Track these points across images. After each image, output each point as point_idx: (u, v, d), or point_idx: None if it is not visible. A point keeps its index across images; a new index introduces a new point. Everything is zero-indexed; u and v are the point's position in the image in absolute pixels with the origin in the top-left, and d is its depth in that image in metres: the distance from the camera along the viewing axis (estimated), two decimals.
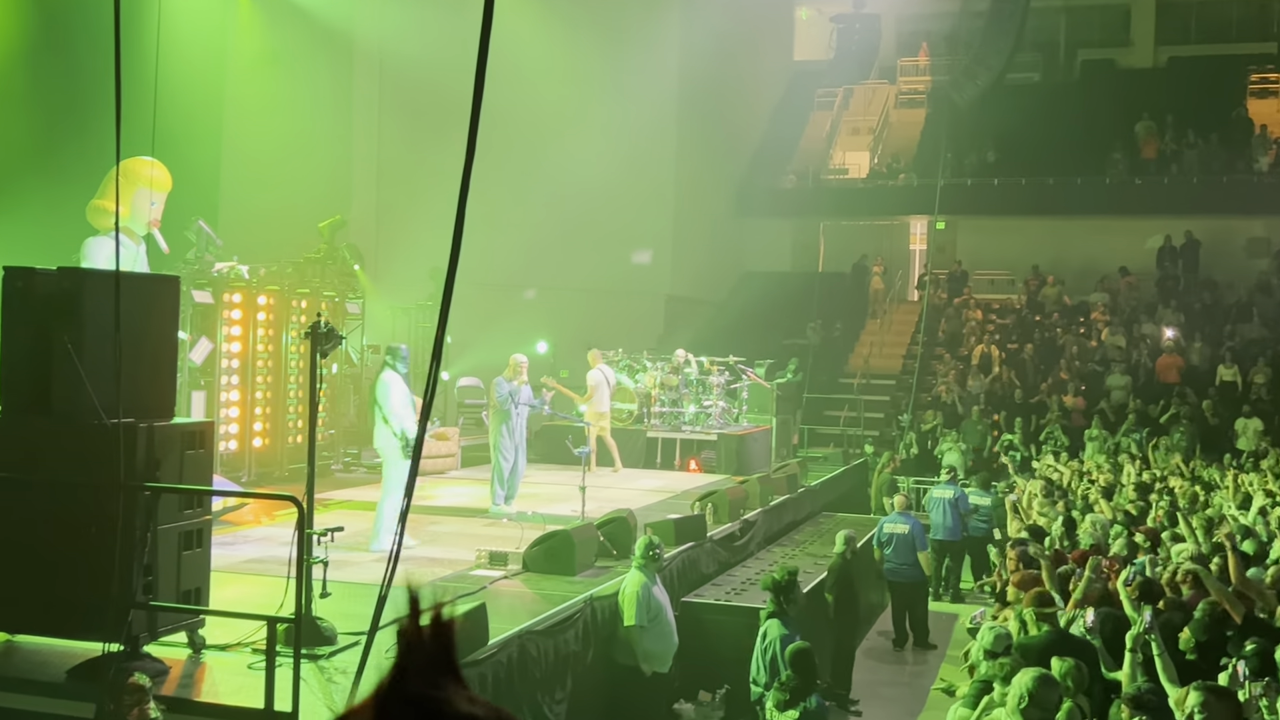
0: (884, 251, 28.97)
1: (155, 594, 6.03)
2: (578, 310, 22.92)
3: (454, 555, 9.78)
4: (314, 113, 19.55)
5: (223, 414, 12.60)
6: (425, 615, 0.95)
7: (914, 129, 30.76)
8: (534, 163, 23.05)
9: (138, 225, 10.83)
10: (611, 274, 23.84)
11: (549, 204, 22.83)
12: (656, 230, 24.71)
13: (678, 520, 10.92)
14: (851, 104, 32.26)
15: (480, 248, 19.14)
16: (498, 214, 21.54)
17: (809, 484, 16.24)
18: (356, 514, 11.62)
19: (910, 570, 12.49)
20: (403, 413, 9.66)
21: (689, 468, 16.67)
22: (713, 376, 17.33)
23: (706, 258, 26.67)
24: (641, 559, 8.45)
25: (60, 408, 6.01)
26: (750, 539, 12.59)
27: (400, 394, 9.71)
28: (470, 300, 21.32)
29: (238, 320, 12.92)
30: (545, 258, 23.25)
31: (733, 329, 24.89)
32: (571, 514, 11.19)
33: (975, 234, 28.61)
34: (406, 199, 22.94)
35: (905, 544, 12.50)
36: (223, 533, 9.91)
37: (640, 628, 8.33)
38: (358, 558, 9.34)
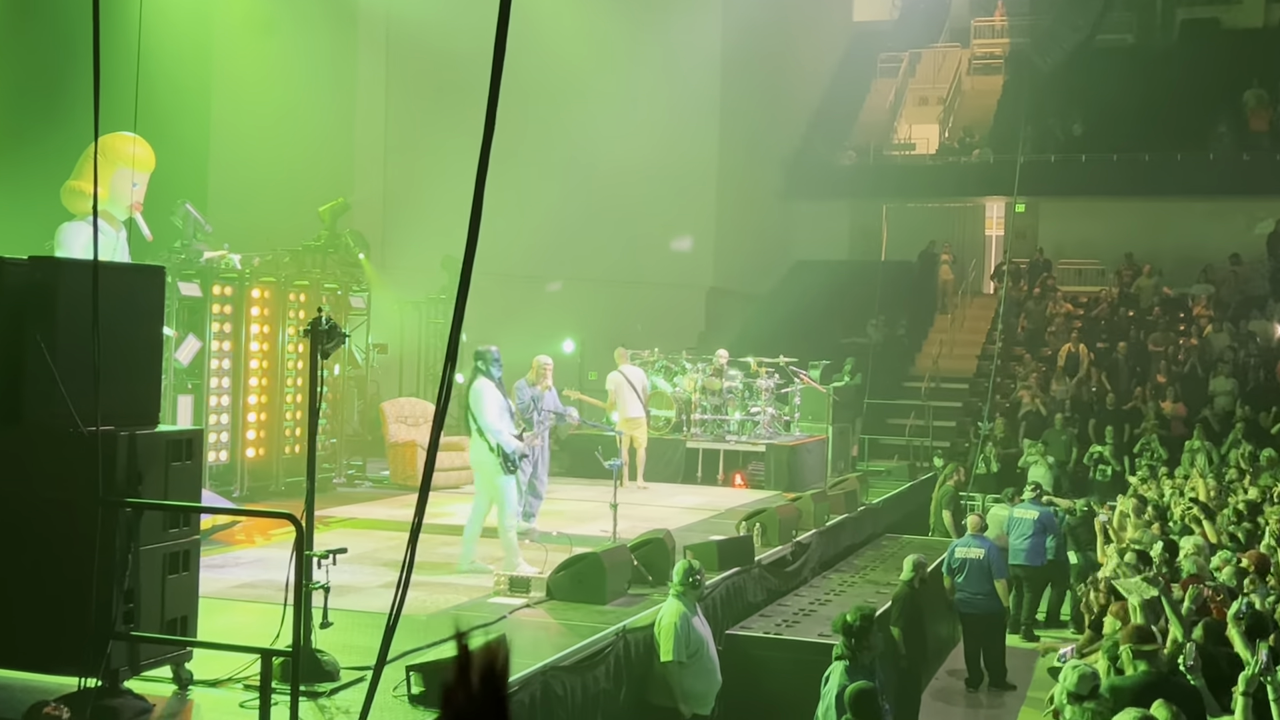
0: (955, 238, 28.75)
1: (137, 623, 6.07)
2: (608, 305, 22.94)
3: (469, 580, 9.80)
4: (313, 84, 19.67)
5: (212, 421, 12.69)
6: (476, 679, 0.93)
7: (990, 98, 30.54)
8: (559, 138, 23.08)
9: (118, 209, 10.94)
10: (646, 264, 23.85)
11: (576, 185, 22.87)
12: (697, 214, 24.69)
13: (721, 542, 10.89)
14: (919, 70, 32.06)
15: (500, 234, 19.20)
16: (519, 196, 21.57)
17: (870, 502, 16.15)
18: (361, 534, 11.67)
19: (985, 600, 12.38)
20: (499, 424, 9.83)
21: (734, 483, 16.62)
22: (760, 379, 17.28)
23: (753, 245, 26.60)
24: (680, 586, 8.44)
25: (31, 414, 6.06)
26: (803, 564, 12.53)
27: (495, 403, 9.86)
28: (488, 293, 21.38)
29: (229, 316, 13.01)
30: (572, 246, 23.29)
31: (783, 326, 24.78)
32: (602, 534, 11.19)
33: (1060, 218, 28.35)
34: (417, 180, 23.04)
35: (980, 570, 12.40)
36: (212, 554, 9.96)
37: (679, 664, 8.32)
38: (363, 582, 9.37)
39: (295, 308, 13.88)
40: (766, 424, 17.16)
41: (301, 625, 6.14)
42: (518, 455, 9.96)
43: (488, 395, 9.88)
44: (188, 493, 6.50)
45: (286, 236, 15.92)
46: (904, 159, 29.33)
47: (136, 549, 6.06)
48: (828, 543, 13.65)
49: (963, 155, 28.14)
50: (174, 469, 6.36)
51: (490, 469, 9.89)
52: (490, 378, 10.02)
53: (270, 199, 17.72)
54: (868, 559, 14.22)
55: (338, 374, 14.98)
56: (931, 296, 27.22)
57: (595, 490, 13.44)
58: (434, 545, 11.12)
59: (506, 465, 9.87)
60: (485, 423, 9.81)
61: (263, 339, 13.47)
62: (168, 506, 6.30)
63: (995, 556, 12.49)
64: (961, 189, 28.08)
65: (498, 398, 9.94)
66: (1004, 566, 12.63)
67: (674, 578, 8.59)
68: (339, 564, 6.70)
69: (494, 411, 9.85)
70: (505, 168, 19.50)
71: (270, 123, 18.17)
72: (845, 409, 19.51)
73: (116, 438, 6.05)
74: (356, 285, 15.64)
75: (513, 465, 9.92)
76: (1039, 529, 14.16)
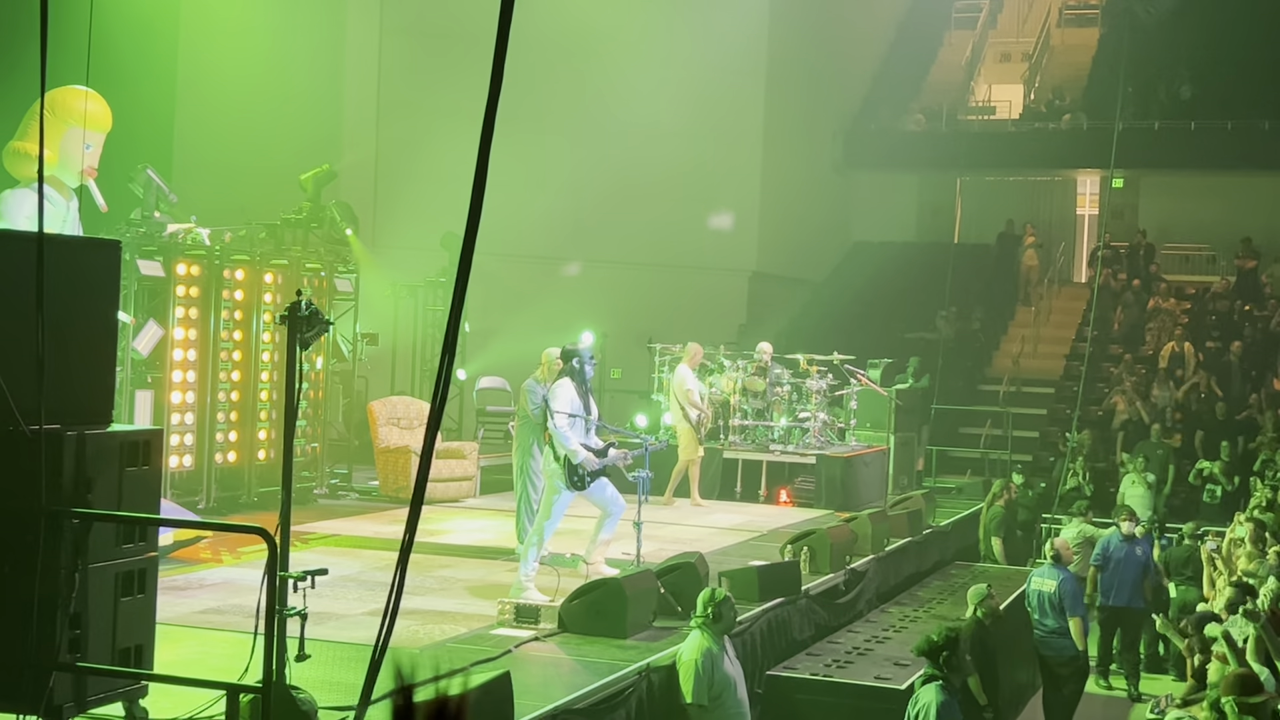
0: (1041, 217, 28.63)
1: (84, 653, 6.10)
2: (633, 292, 22.94)
3: (470, 608, 9.82)
4: (295, 31, 19.76)
5: (174, 421, 12.76)
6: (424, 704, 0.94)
7: (1083, 55, 30.38)
8: (578, 97, 23.10)
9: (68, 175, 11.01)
10: (679, 245, 23.84)
11: (599, 152, 22.89)
12: (739, 188, 24.66)
13: (763, 568, 10.88)
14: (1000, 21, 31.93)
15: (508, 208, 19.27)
16: (532, 164, 21.62)
17: (938, 524, 16.10)
18: (345, 553, 11.71)
19: (1059, 640, 12.27)
20: (570, 431, 9.99)
21: (778, 499, 16.60)
22: (811, 380, 17.25)
23: (804, 224, 26.56)
24: (702, 617, 8.42)
25: None
26: (859, 595, 12.51)
27: (569, 407, 10.02)
28: (494, 276, 21.56)
29: (195, 299, 13.08)
30: (592, 222, 23.32)
31: (838, 318, 24.75)
32: (624, 557, 11.19)
33: (1165, 195, 28.17)
34: (414, 144, 23.12)
35: (1051, 606, 12.25)
36: (173, 574, 10.02)
37: (700, 707, 8.30)
38: (345, 609, 9.41)
39: (272, 290, 13.93)
40: (817, 432, 17.14)
41: (274, 658, 6.16)
42: (585, 470, 10.06)
43: (563, 397, 10.03)
44: (145, 503, 6.53)
45: (263, 208, 15.98)
46: (982, 124, 29.20)
47: (84, 567, 6.09)
48: (887, 571, 13.61)
49: (1051, 121, 28.01)
50: (129, 475, 6.39)
51: (555, 479, 10.10)
52: (576, 378, 10.19)
53: (245, 164, 17.80)
54: (934, 590, 14.18)
55: (320, 368, 15.04)
56: (1012, 285, 27.10)
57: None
58: (428, 567, 11.14)
59: (572, 479, 9.99)
60: (556, 428, 9.97)
61: (234, 326, 13.54)
62: (121, 518, 6.33)
63: (1069, 590, 12.30)
64: (1049, 160, 27.95)
65: (570, 396, 10.06)
66: (1079, 601, 12.44)
67: (696, 607, 8.58)
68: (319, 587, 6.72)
69: (566, 418, 9.99)
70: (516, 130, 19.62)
71: (246, 76, 18.26)
72: (910, 415, 19.45)
73: (63, 438, 6.08)
74: (343, 265, 15.69)
75: (580, 480, 10.05)
76: (1137, 560, 14.00)
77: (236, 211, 15.53)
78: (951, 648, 8.25)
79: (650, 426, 17.40)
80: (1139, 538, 14.22)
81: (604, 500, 10.52)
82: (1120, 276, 26.13)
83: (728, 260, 24.56)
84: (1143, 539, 14.23)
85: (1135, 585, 14.05)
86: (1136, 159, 25.61)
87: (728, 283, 24.69)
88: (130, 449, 6.45)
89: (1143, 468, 18.69)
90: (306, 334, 6.88)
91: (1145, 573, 14.07)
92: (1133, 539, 14.16)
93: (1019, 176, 28.89)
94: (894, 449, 18.35)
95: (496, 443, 18.61)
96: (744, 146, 24.55)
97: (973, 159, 27.88)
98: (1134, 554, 14.04)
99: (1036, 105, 29.42)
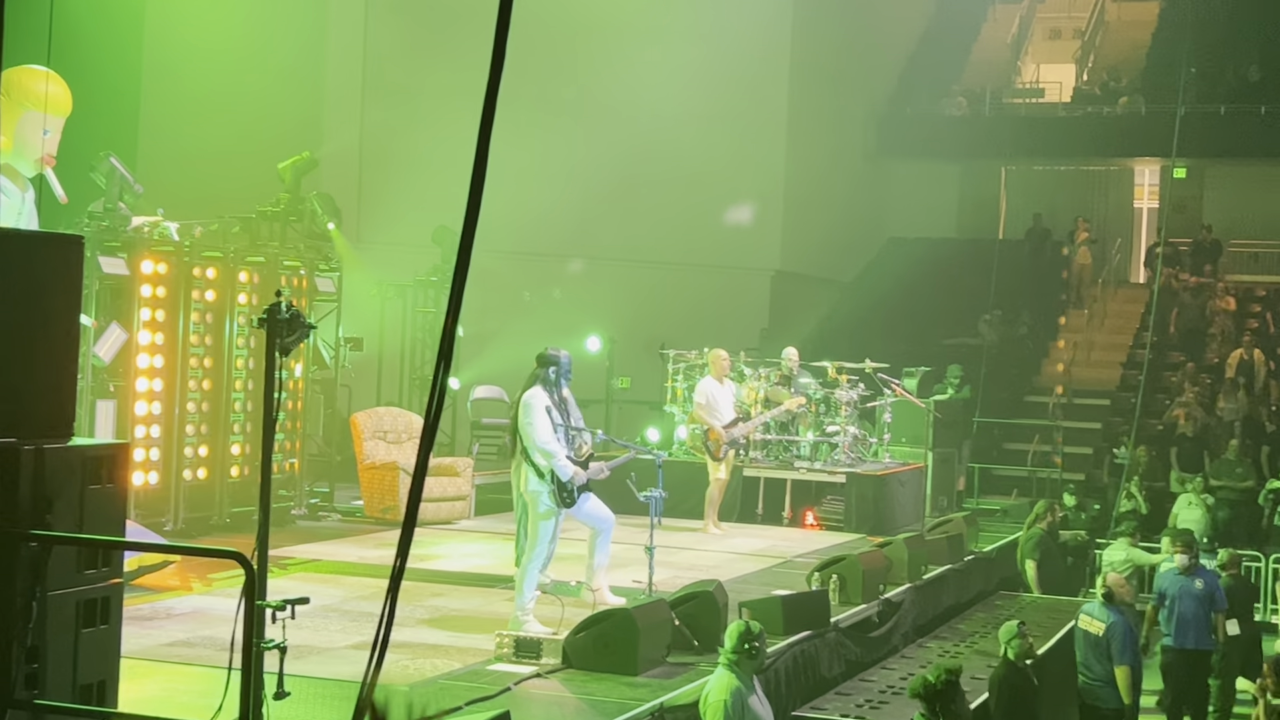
0: (1095, 210, 28.59)
1: (42, 689, 6.11)
2: (644, 292, 22.93)
3: (465, 641, 9.80)
4: (272, 10, 19.78)
5: (140, 434, 12.76)
6: None
7: (1141, 31, 30.36)
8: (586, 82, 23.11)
9: (23, 163, 11.04)
10: (695, 241, 23.83)
11: (607, 140, 22.88)
12: (761, 178, 24.66)
13: (788, 598, 10.86)
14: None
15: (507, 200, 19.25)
16: (534, 153, 21.61)
17: (981, 550, 16.06)
18: (327, 579, 11.69)
19: (1103, 690, 11.94)
20: (555, 445, 10.00)
21: (804, 522, 16.56)
22: (840, 390, 17.22)
23: (833, 218, 26.55)
24: (733, 654, 8.42)
25: None
26: (893, 628, 12.48)
27: (544, 416, 10.03)
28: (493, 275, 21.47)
29: (163, 300, 13.08)
30: (600, 217, 23.30)
31: (870, 322, 24.70)
32: (634, 585, 11.17)
33: (1232, 186, 28.12)
34: (401, 131, 23.13)
35: (1097, 650, 11.82)
36: (139, 602, 10.01)
37: None
38: (329, 642, 9.41)
39: (247, 290, 13.93)
40: (847, 447, 17.10)
41: (250, 696, 6.16)
42: (573, 485, 10.06)
43: (538, 408, 10.01)
44: (109, 524, 6.53)
45: (237, 200, 15.99)
46: (1029, 108, 29.18)
47: (43, 594, 6.10)
48: (925, 601, 13.58)
49: (1105, 104, 28.00)
50: (91, 493, 6.40)
51: (542, 499, 10.06)
52: (549, 387, 10.17)
53: (217, 152, 17.80)
54: (977, 623, 14.13)
55: (300, 376, 15.05)
56: (1064, 285, 27.04)
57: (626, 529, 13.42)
58: (419, 595, 11.13)
59: (561, 496, 10.00)
60: (536, 440, 9.92)
61: (206, 330, 13.54)
62: (83, 541, 6.33)
63: (1120, 633, 11.82)
64: (1104, 148, 27.93)
65: (550, 412, 10.07)
66: (1129, 647, 11.95)
67: (726, 643, 8.56)
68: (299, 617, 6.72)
69: (548, 427, 9.99)
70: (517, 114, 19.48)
71: (218, 56, 18.28)
72: (950, 429, 19.41)
73: (19, 453, 6.09)
74: (325, 263, 15.70)
75: (569, 496, 10.05)
76: (1194, 594, 13.36)
77: (208, 204, 15.53)
78: (946, 696, 8.05)
79: (663, 442, 17.39)
80: (1200, 568, 13.65)
81: (590, 516, 10.51)
82: (1182, 276, 26.07)
83: (748, 258, 24.55)
84: (1201, 570, 13.63)
85: (1198, 624, 13.41)
86: (1200, 146, 25.58)
87: (748, 283, 24.68)
88: (93, 465, 6.46)
89: (1201, 488, 18.61)
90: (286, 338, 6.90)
91: (1208, 607, 13.41)
92: (1191, 569, 13.52)
93: (1070, 166, 28.87)
94: (932, 466, 18.30)
95: (493, 459, 18.59)
96: (766, 133, 24.55)
97: (1019, 146, 27.87)
98: (1191, 587, 13.41)
99: (1090, 87, 29.39)
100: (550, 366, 10.24)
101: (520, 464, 10.14)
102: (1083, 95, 29.08)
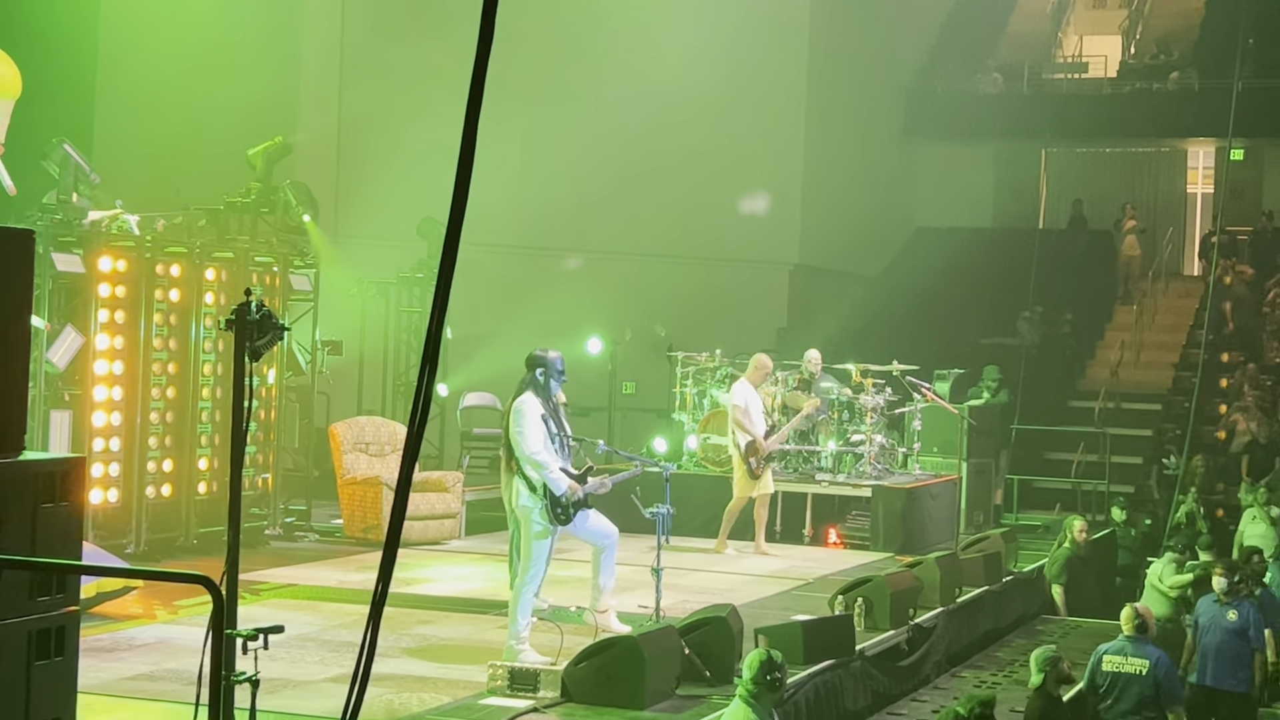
0: (1144, 196, 28.58)
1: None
2: (650, 289, 22.93)
3: (455, 673, 9.83)
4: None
5: (98, 447, 12.79)
6: None
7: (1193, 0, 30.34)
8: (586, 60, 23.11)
9: None
10: (705, 233, 23.83)
11: (609, 123, 22.87)
12: (777, 164, 24.65)
13: (808, 624, 10.87)
14: None
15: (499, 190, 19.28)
16: (529, 138, 21.65)
17: (1020, 570, 16.07)
18: (304, 606, 11.73)
19: None
20: (546, 456, 10.00)
21: (826, 540, 16.59)
22: (866, 395, 17.25)
23: (856, 207, 26.54)
24: (752, 685, 8.45)
25: None
26: (925, 656, 12.49)
27: (540, 426, 10.03)
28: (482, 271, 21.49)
29: (122, 300, 13.12)
30: (601, 207, 23.31)
31: (898, 320, 24.69)
32: (640, 610, 11.21)
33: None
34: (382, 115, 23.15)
35: (1137, 694, 11.25)
36: (97, 632, 10.04)
37: None
38: (305, 674, 9.43)
39: (215, 289, 13.98)
40: (873, 458, 17.12)
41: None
42: (570, 500, 10.08)
43: (530, 415, 10.02)
44: (64, 546, 6.56)
45: (203, 191, 16.04)
46: (1071, 85, 29.17)
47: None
48: (959, 627, 13.60)
49: (1155, 80, 27.98)
50: (44, 512, 6.42)
51: (534, 516, 10.06)
52: (541, 393, 10.17)
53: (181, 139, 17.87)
54: (1016, 650, 14.14)
55: (273, 383, 15.09)
56: (1110, 279, 27.03)
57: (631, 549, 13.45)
58: (405, 623, 11.16)
59: (555, 513, 10.00)
60: (526, 450, 9.95)
61: (169, 333, 13.57)
62: (35, 565, 6.36)
63: (1164, 672, 11.33)
64: (1153, 128, 27.91)
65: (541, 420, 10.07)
66: (1178, 688, 11.57)
67: (744, 673, 8.60)
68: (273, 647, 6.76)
69: (539, 436, 9.99)
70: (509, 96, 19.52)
71: (183, 34, 18.32)
72: (986, 438, 19.42)
73: None
74: (300, 259, 15.73)
75: (565, 513, 10.07)
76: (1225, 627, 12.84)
77: (171, 195, 15.58)
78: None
79: (671, 453, 17.39)
80: (1237, 597, 12.97)
81: (592, 533, 10.52)
82: (1240, 268, 26.04)
83: (764, 251, 24.53)
84: (1239, 601, 12.95)
85: (1227, 660, 12.84)
86: (1259, 126, 25.52)
87: (764, 278, 24.67)
88: (46, 481, 6.48)
89: (1265, 500, 18.59)
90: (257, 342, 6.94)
91: (1243, 642, 12.83)
92: (1231, 596, 12.97)
93: (1116, 148, 28.83)
94: (967, 478, 18.29)
95: (484, 473, 18.59)
96: (784, 113, 24.53)
97: (1061, 127, 27.84)
98: (1224, 618, 12.85)
99: (1138, 61, 29.36)
100: (538, 368, 10.27)
101: (512, 478, 10.15)
102: (1130, 70, 29.05)
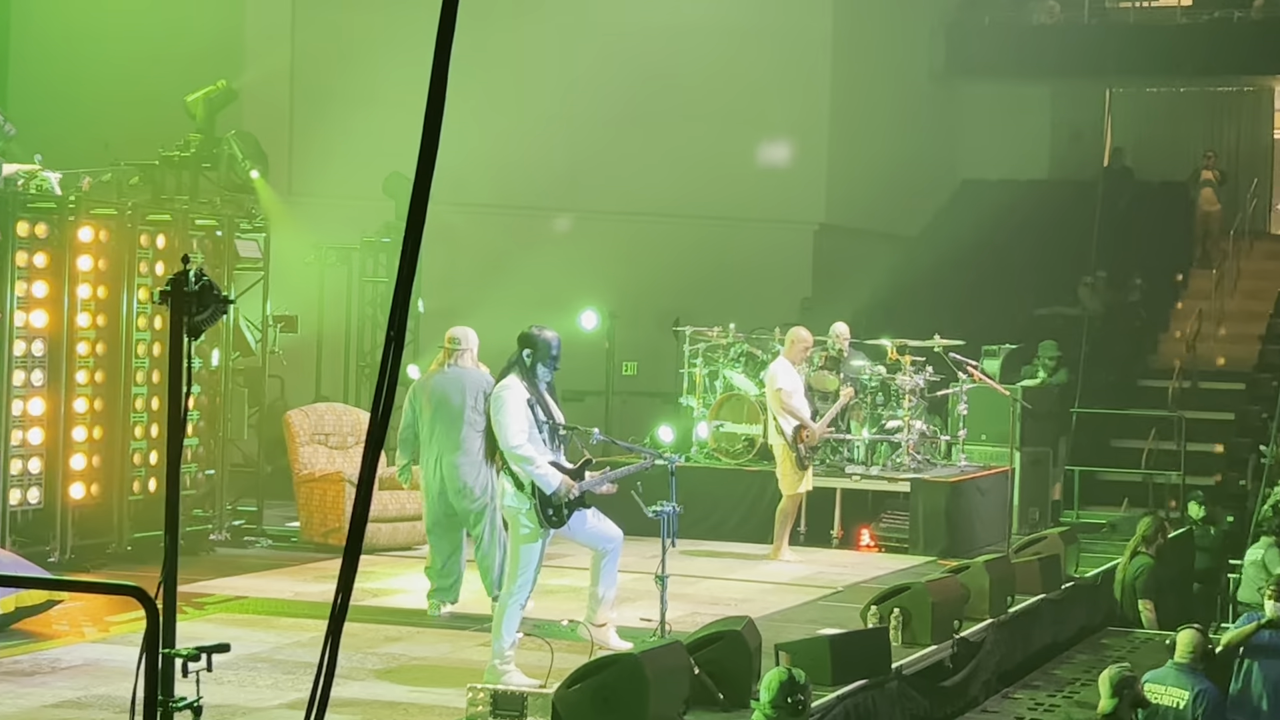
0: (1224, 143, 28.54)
1: None
2: (654, 254, 22.93)
3: (429, 697, 9.86)
4: None
5: (15, 440, 12.80)
6: None
7: None
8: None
9: None
10: (718, 189, 23.80)
11: (606, 64, 22.88)
12: (801, 110, 24.63)
13: (837, 638, 10.89)
14: None
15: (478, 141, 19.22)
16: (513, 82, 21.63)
17: (1082, 575, 16.08)
18: (254, 621, 11.74)
19: None
20: (530, 449, 9.99)
21: (858, 542, 16.61)
22: (903, 375, 17.24)
23: (890, 158, 26.51)
24: (772, 709, 8.47)
25: None
26: (972, 675, 12.52)
27: (523, 416, 10.03)
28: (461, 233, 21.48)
29: (42, 270, 13.12)
30: (597, 160, 23.29)
31: (939, 288, 24.70)
32: (642, 624, 11.23)
33: None
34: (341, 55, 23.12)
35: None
36: (15, 653, 10.06)
37: None
38: (256, 699, 9.44)
39: (150, 257, 13.97)
40: (912, 447, 17.13)
41: None
42: (563, 499, 10.06)
43: (512, 402, 10.03)
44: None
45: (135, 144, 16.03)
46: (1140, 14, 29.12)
47: None
48: (1012, 641, 13.61)
49: (1237, 8, 27.91)
50: None
51: (515, 519, 10.08)
52: (529, 377, 10.18)
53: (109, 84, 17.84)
54: (1078, 668, 14.16)
55: (217, 365, 15.09)
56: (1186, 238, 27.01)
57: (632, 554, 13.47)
58: (371, 641, 11.17)
59: (545, 514, 9.99)
60: (507, 442, 9.97)
61: (97, 308, 13.57)
62: None
63: (1208, 709, 11.43)
64: (1234, 63, 27.85)
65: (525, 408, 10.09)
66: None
67: (762, 695, 8.62)
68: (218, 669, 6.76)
69: (521, 426, 10.00)
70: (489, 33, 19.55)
71: None
72: (1042, 423, 19.43)
73: None
74: (247, 221, 15.72)
75: (558, 514, 10.06)
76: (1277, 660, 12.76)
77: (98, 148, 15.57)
78: None
79: (678, 444, 17.35)
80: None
81: (591, 536, 10.53)
82: None
83: (786, 209, 24.50)
84: None
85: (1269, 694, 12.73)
86: None
87: (786, 240, 24.62)
88: None
89: None
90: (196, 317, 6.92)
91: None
92: None
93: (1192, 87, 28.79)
94: (1020, 470, 18.25)
95: None
96: (808, 50, 24.47)
97: (1127, 62, 27.81)
98: (1267, 644, 12.78)
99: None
100: (526, 349, 10.24)
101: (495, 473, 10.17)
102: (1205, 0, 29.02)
